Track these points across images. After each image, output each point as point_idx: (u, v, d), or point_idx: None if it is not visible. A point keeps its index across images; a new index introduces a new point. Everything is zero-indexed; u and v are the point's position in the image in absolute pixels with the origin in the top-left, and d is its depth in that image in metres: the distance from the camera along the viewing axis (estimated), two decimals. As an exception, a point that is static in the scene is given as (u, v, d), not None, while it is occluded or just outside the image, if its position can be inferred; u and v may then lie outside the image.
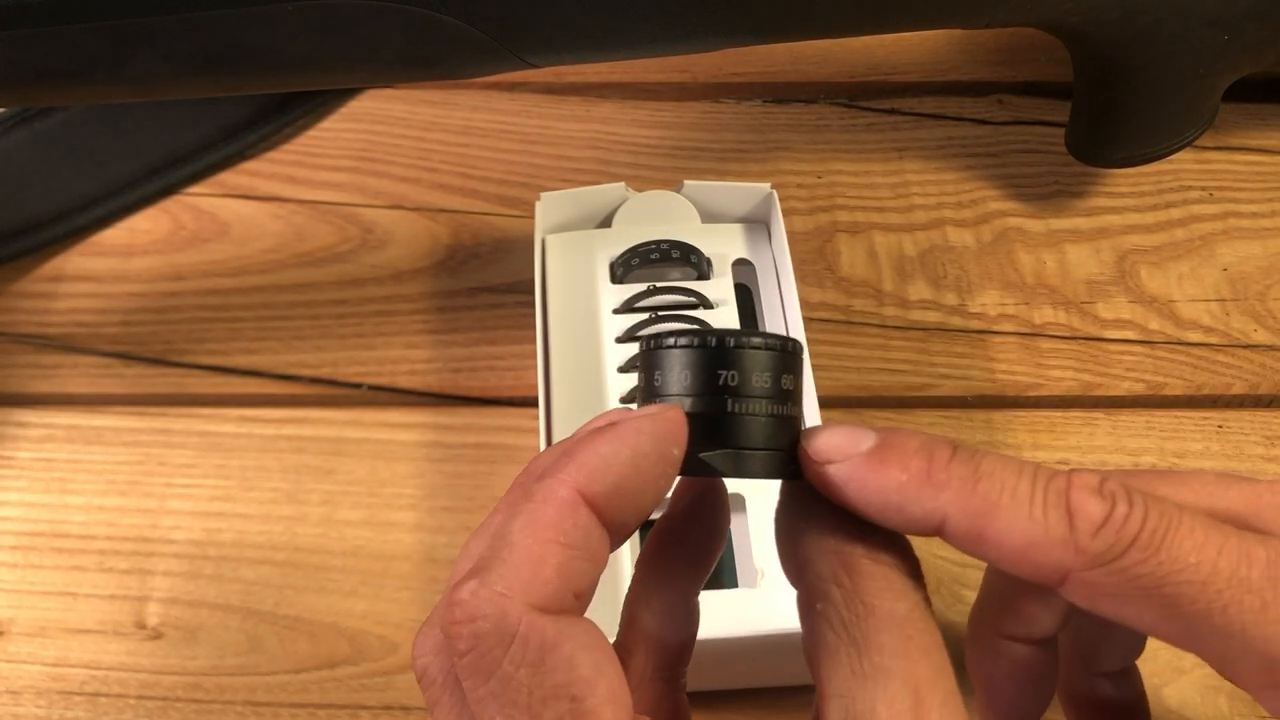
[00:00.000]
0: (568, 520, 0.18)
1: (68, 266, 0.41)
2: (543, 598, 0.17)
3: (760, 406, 0.19)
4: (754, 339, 0.19)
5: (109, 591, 0.35)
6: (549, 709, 0.17)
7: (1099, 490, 0.19)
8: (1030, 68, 0.46)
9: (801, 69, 0.46)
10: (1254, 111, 0.44)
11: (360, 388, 0.38)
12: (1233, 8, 0.34)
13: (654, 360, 0.20)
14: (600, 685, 0.17)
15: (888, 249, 0.41)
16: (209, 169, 0.44)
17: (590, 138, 0.44)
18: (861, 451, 0.19)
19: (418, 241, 0.42)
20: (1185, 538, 0.18)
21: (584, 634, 0.17)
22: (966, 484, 0.19)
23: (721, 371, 0.19)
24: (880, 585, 0.18)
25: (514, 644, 0.17)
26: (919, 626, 0.18)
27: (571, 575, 0.17)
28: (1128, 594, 0.18)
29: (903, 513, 0.19)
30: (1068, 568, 0.18)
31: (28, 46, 0.28)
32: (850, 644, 0.18)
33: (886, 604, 0.18)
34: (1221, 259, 0.41)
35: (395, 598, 0.34)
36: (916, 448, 0.19)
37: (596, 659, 0.17)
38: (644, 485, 0.18)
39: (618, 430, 0.18)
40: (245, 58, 0.29)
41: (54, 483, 0.37)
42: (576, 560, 0.18)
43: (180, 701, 0.33)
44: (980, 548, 0.19)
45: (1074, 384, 0.38)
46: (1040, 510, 0.18)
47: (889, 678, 0.18)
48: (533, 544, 0.17)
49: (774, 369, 0.20)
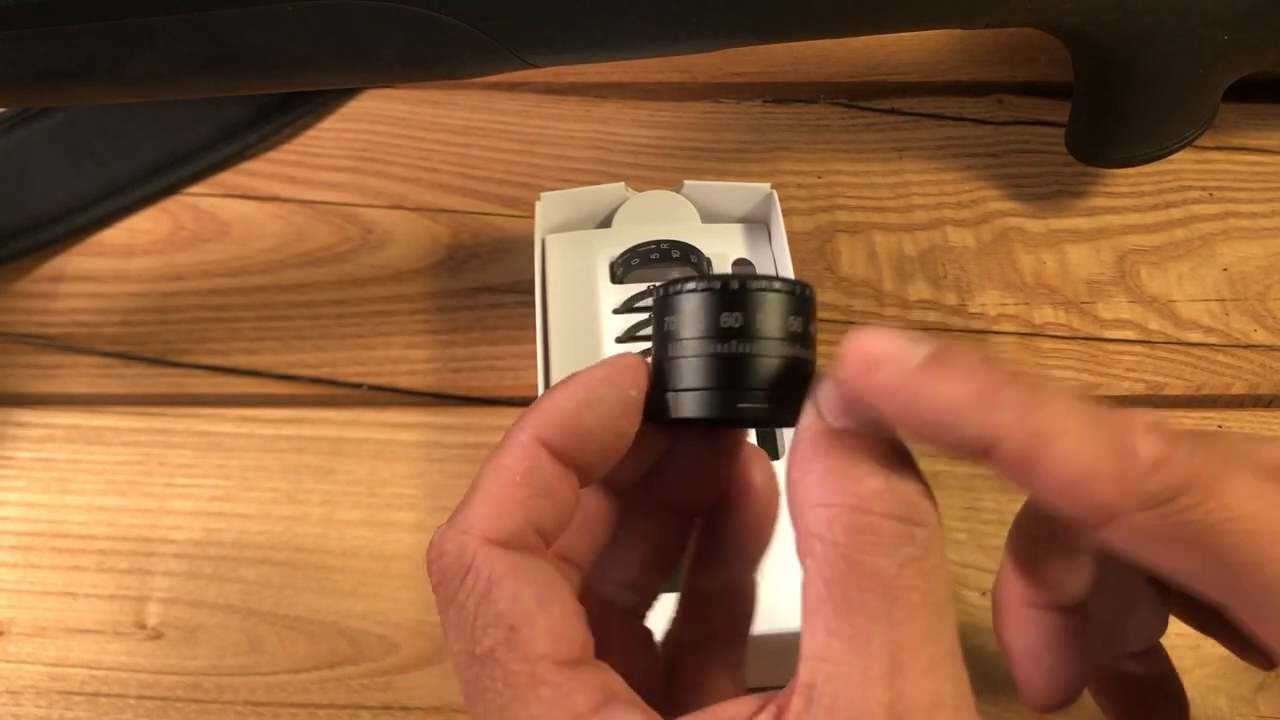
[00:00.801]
0: (525, 462, 0.19)
1: (68, 266, 0.41)
2: (500, 532, 0.18)
3: (760, 347, 0.19)
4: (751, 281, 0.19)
5: (109, 591, 0.35)
6: (488, 635, 0.18)
7: (1157, 429, 0.18)
8: (1030, 68, 0.46)
9: (801, 69, 0.46)
10: (1254, 111, 0.44)
11: (360, 388, 0.38)
12: (1233, 8, 0.34)
13: (662, 307, 0.20)
14: (541, 619, 0.18)
15: (888, 249, 0.41)
16: (209, 169, 0.44)
17: (590, 138, 0.44)
18: (916, 360, 0.18)
19: (418, 241, 0.42)
20: (1237, 487, 0.18)
21: (535, 570, 0.18)
22: (1027, 406, 0.17)
23: (724, 314, 0.19)
24: (866, 540, 0.17)
25: (467, 575, 0.18)
26: (909, 584, 0.17)
27: (529, 511, 0.19)
28: (1173, 540, 0.18)
29: (954, 431, 0.17)
30: (1117, 507, 0.18)
31: (28, 46, 0.28)
32: (831, 603, 0.17)
33: (872, 560, 0.17)
34: (1221, 259, 0.41)
35: (395, 598, 0.34)
36: (977, 362, 0.18)
37: (542, 595, 0.18)
38: (600, 425, 0.19)
39: (573, 379, 0.20)
40: (245, 58, 0.29)
41: (54, 483, 0.37)
42: (534, 498, 0.19)
43: (180, 701, 0.33)
44: (1029, 474, 0.17)
45: (1074, 384, 0.38)
46: (1099, 444, 0.17)
47: (866, 640, 0.17)
48: (492, 485, 0.19)
49: (779, 311, 0.19)
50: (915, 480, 0.18)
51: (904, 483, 0.18)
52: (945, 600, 0.17)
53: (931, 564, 0.17)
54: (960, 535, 0.35)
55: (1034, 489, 0.18)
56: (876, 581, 0.17)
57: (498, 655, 0.17)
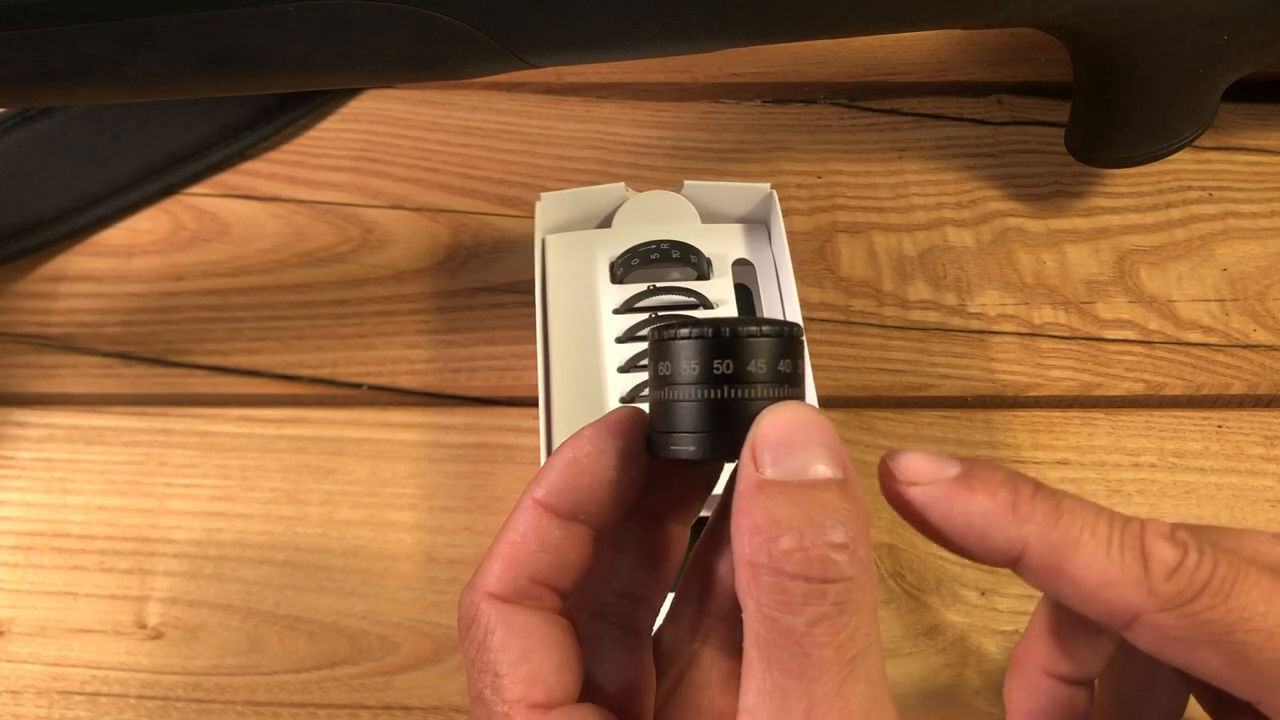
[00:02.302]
0: (523, 523, 0.21)
1: (68, 266, 0.41)
2: (501, 588, 0.21)
3: (751, 391, 0.20)
4: (681, 330, 0.20)
5: (109, 591, 0.35)
6: (481, 679, 0.20)
7: (1171, 537, 0.19)
8: (1030, 68, 0.46)
9: (801, 69, 0.46)
10: (1254, 111, 0.44)
11: (360, 388, 0.38)
12: (1233, 8, 0.34)
13: (657, 352, 0.21)
14: (522, 667, 0.20)
15: (888, 249, 0.41)
16: (209, 169, 0.44)
17: (590, 138, 0.44)
18: (947, 477, 0.20)
19: (418, 241, 0.42)
20: (1254, 587, 0.19)
21: (525, 623, 0.20)
22: (1049, 518, 0.19)
23: (716, 361, 0.20)
24: (779, 599, 0.18)
25: (472, 627, 0.21)
26: (819, 641, 0.17)
27: (528, 566, 0.21)
28: (1195, 639, 0.19)
29: (984, 540, 0.20)
30: (1139, 609, 0.19)
31: (28, 46, 0.28)
32: (759, 659, 0.18)
33: (785, 619, 0.18)
34: (1221, 259, 0.41)
35: (395, 598, 0.34)
36: (1002, 479, 0.20)
37: (526, 645, 0.20)
38: (595, 482, 0.21)
39: (570, 440, 0.21)
40: (245, 58, 0.29)
41: (54, 483, 0.37)
42: (533, 554, 0.21)
43: (180, 701, 0.33)
44: (1055, 582, 0.19)
45: (1074, 384, 0.38)
46: (1117, 550, 0.19)
47: (785, 696, 0.17)
48: (498, 546, 0.21)
49: (768, 355, 0.20)
50: (840, 531, 0.18)
51: (822, 536, 0.18)
52: (862, 652, 0.18)
53: (846, 619, 0.18)
54: (960, 535, 0.35)
55: (1059, 595, 0.20)
56: (790, 639, 0.18)
57: (485, 697, 0.20)
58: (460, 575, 0.35)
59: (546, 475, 0.21)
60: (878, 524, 0.35)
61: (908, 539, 0.35)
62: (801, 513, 0.18)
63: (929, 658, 0.33)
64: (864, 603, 0.18)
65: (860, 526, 0.18)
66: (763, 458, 0.19)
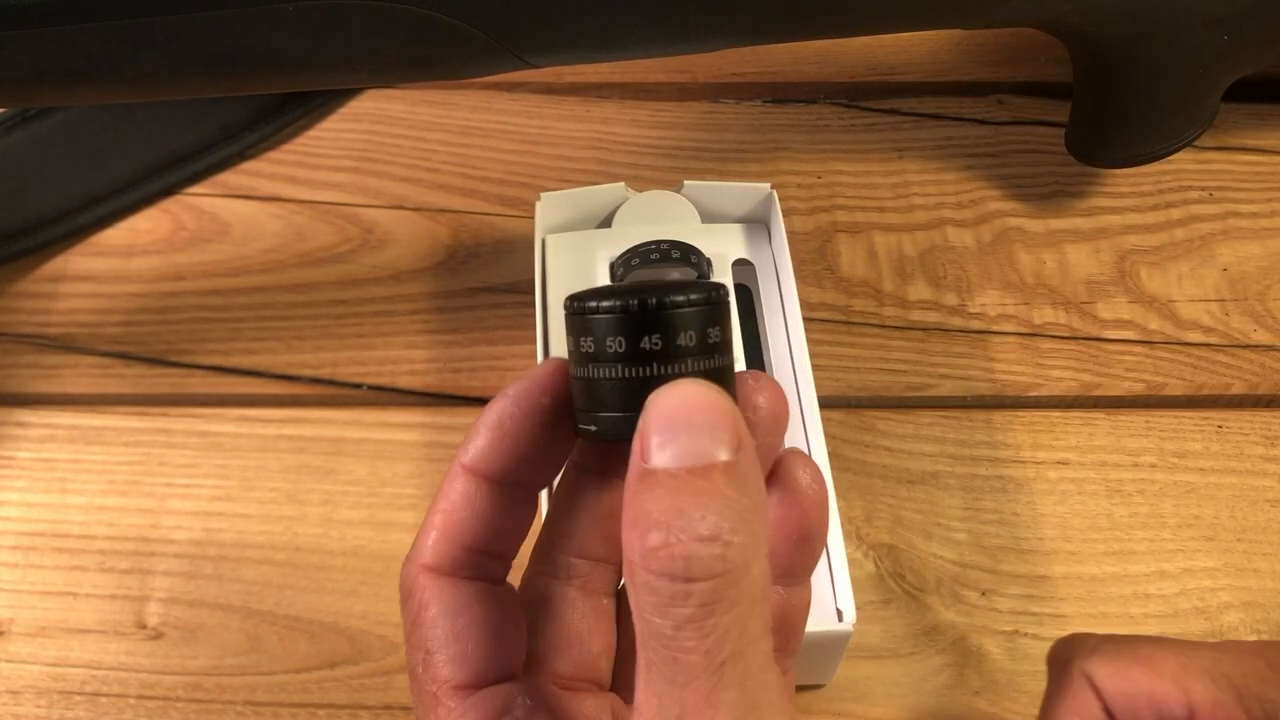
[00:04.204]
0: (453, 491, 0.21)
1: (68, 266, 0.41)
2: (435, 559, 0.21)
3: (682, 366, 0.18)
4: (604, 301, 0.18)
5: (109, 591, 0.35)
6: (414, 655, 0.20)
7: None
8: (1030, 68, 0.46)
9: (801, 69, 0.46)
10: (1254, 111, 0.44)
11: (360, 388, 0.38)
12: (1233, 8, 0.34)
13: (577, 326, 0.19)
14: (451, 647, 0.20)
15: (888, 249, 0.41)
16: (209, 169, 0.44)
17: (590, 138, 0.44)
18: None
19: (418, 241, 0.42)
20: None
21: (457, 599, 0.20)
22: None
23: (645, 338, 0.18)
24: (649, 600, 0.16)
25: (409, 600, 0.21)
26: (686, 645, 0.16)
27: (461, 535, 0.21)
28: None
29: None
30: None
31: (28, 46, 0.28)
32: (643, 661, 0.17)
33: (654, 620, 0.16)
34: (1221, 259, 0.41)
35: (395, 598, 0.34)
36: None
37: (457, 624, 0.20)
38: (516, 440, 0.21)
39: (491, 401, 0.21)
40: (245, 58, 0.29)
41: (54, 483, 0.37)
42: (462, 522, 0.21)
43: (180, 701, 0.33)
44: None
45: (1074, 384, 0.38)
46: None
47: (660, 700, 0.16)
48: (431, 517, 0.21)
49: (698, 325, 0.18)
50: (709, 522, 0.16)
51: (689, 530, 0.16)
52: (735, 655, 0.16)
53: (715, 621, 0.16)
54: (960, 535, 0.35)
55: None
56: (660, 642, 0.16)
57: (418, 674, 0.20)
58: (460, 575, 0.35)
59: (472, 440, 0.21)
60: (877, 523, 0.35)
61: (908, 539, 0.35)
62: (673, 504, 0.16)
63: (929, 658, 0.33)
64: (738, 599, 0.16)
65: (738, 513, 0.16)
66: (646, 445, 0.17)
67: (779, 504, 0.20)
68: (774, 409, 0.20)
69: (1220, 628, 0.33)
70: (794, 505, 0.20)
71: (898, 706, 0.32)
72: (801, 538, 0.21)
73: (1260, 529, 0.35)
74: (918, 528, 0.35)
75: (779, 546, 0.21)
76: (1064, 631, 0.33)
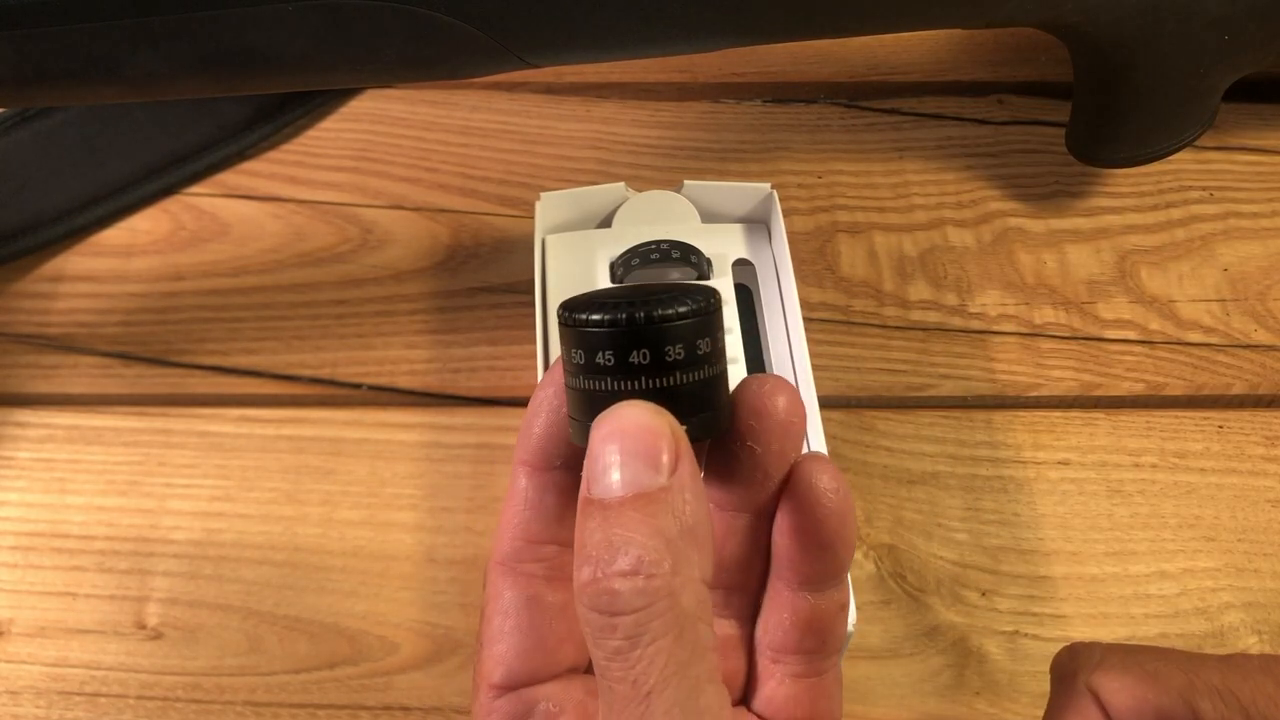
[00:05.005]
0: (511, 486, 0.21)
1: (68, 266, 0.41)
2: (501, 554, 0.21)
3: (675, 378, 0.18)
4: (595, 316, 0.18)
5: (109, 591, 0.35)
6: (480, 645, 0.21)
7: None
8: (1030, 68, 0.46)
9: (801, 69, 0.46)
10: (1254, 111, 0.44)
11: (360, 388, 0.38)
12: (1233, 8, 0.34)
13: (570, 338, 0.19)
14: (496, 645, 0.21)
15: (888, 249, 0.41)
16: (209, 169, 0.44)
17: (590, 138, 0.44)
18: None
19: (418, 241, 0.42)
20: None
21: (513, 599, 0.21)
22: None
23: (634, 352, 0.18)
24: (587, 630, 0.17)
25: (484, 594, 0.22)
26: (615, 676, 0.16)
27: (520, 528, 0.21)
28: None
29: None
30: None
31: (28, 46, 0.28)
32: (599, 686, 0.17)
33: (593, 651, 0.17)
34: (1222, 259, 0.41)
35: (395, 598, 0.34)
36: None
37: (504, 624, 0.21)
38: (553, 420, 0.21)
39: (532, 402, 0.21)
40: (245, 58, 0.29)
41: (54, 483, 0.37)
42: (521, 514, 0.21)
43: (180, 701, 0.33)
44: None
45: (1074, 384, 0.38)
46: None
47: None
48: (502, 514, 0.22)
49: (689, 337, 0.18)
50: (629, 557, 0.16)
51: (612, 565, 0.16)
52: (660, 685, 0.16)
53: (639, 653, 0.16)
54: (960, 535, 0.35)
55: None
56: (599, 671, 0.17)
57: (476, 663, 0.21)
58: (460, 575, 0.35)
59: (521, 433, 0.21)
60: (878, 524, 0.35)
61: (909, 540, 0.35)
62: (603, 537, 0.17)
63: (929, 658, 0.33)
64: (664, 630, 0.16)
65: (665, 542, 0.17)
66: (588, 473, 0.17)
67: (794, 511, 0.20)
68: (789, 413, 0.20)
69: (1221, 628, 0.33)
70: (810, 513, 0.20)
71: (898, 707, 0.32)
72: (820, 545, 0.20)
73: (1261, 529, 0.35)
74: (918, 528, 0.35)
75: (796, 555, 0.20)
76: (1065, 632, 0.34)
